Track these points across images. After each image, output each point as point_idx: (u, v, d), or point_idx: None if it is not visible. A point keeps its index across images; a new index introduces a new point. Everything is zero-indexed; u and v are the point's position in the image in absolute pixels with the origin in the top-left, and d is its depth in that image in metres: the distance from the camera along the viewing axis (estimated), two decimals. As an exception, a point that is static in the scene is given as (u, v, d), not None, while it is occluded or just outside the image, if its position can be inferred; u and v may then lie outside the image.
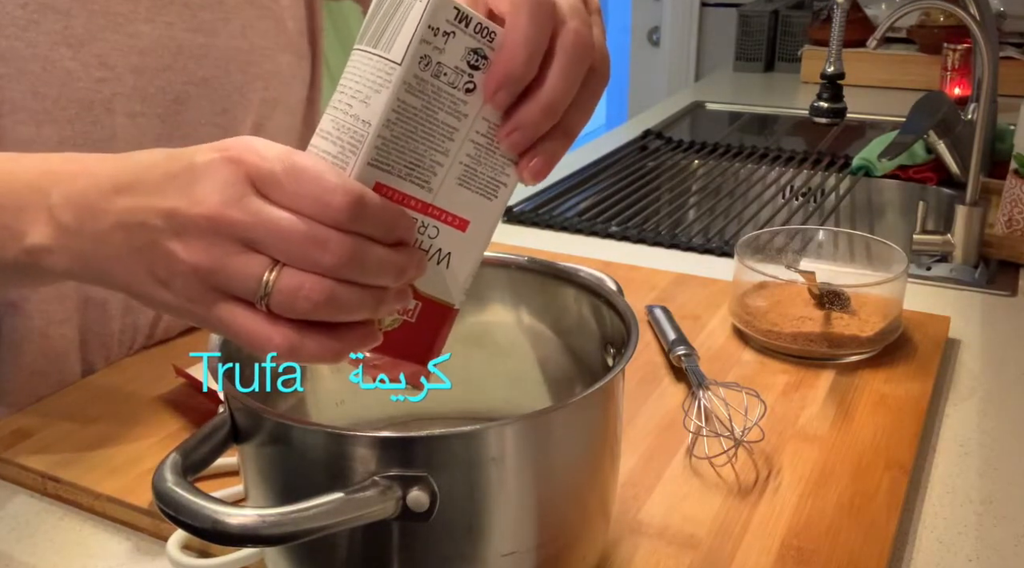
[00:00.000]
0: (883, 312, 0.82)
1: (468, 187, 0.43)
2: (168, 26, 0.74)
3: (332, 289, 0.39)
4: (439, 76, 0.41)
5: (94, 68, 0.70)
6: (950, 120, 1.24)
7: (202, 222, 0.40)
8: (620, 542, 0.58)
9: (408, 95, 0.40)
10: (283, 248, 0.39)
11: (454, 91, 0.41)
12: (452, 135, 0.42)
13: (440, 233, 0.43)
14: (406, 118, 0.40)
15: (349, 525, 0.41)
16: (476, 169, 0.43)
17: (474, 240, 0.45)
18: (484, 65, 0.41)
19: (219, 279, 0.40)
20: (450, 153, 0.42)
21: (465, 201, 0.43)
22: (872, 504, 0.61)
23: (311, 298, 0.39)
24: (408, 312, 0.44)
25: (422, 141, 0.41)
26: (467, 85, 0.41)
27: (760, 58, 2.20)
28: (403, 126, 0.41)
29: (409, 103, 0.40)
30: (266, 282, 0.39)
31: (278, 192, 0.40)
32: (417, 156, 0.41)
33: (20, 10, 0.67)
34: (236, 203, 0.40)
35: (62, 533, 0.61)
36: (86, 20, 0.70)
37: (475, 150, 0.43)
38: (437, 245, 0.44)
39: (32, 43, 0.67)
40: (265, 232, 0.39)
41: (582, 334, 0.59)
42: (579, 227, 1.19)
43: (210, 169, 0.40)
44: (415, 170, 0.42)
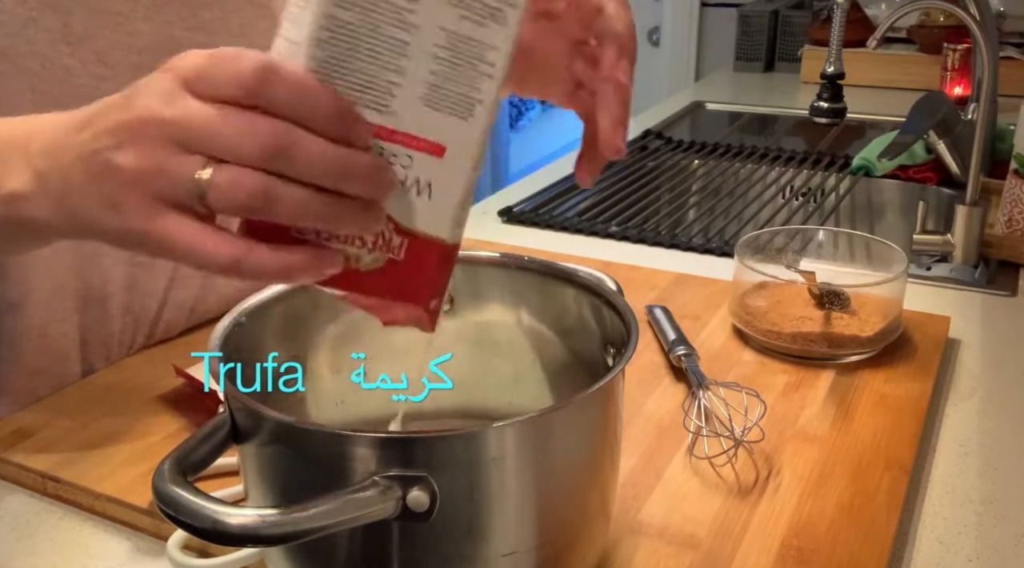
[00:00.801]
0: (883, 312, 0.82)
1: (436, 108, 0.40)
2: (167, 24, 0.74)
3: (268, 181, 0.38)
4: None
5: (93, 66, 0.71)
6: (950, 120, 1.24)
7: (136, 125, 0.40)
8: (620, 542, 0.58)
9: (337, 9, 0.38)
10: (211, 141, 0.39)
11: (396, 1, 0.38)
12: (404, 50, 0.39)
13: (414, 161, 0.41)
14: (342, 35, 0.38)
15: (349, 525, 0.41)
16: (443, 87, 0.40)
17: (455, 166, 0.41)
18: None
19: (158, 183, 0.40)
20: (407, 71, 0.39)
21: (436, 123, 0.40)
22: (872, 504, 0.61)
23: (246, 188, 0.38)
24: (393, 249, 0.42)
25: (368, 60, 0.38)
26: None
27: (760, 58, 2.20)
28: (341, 44, 0.38)
29: (340, 18, 0.38)
30: (200, 178, 0.39)
31: (203, 85, 0.39)
32: (367, 77, 0.39)
33: (19, 7, 0.67)
34: (167, 103, 0.40)
35: (62, 533, 0.61)
36: (85, 18, 0.70)
37: (437, 65, 0.39)
38: (413, 174, 0.41)
39: (31, 40, 0.67)
40: (193, 126, 0.39)
41: (582, 334, 0.59)
42: (579, 227, 1.19)
43: (148, 81, 0.41)
44: (367, 92, 0.39)
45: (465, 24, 0.39)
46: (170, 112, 0.39)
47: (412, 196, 0.41)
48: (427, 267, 0.43)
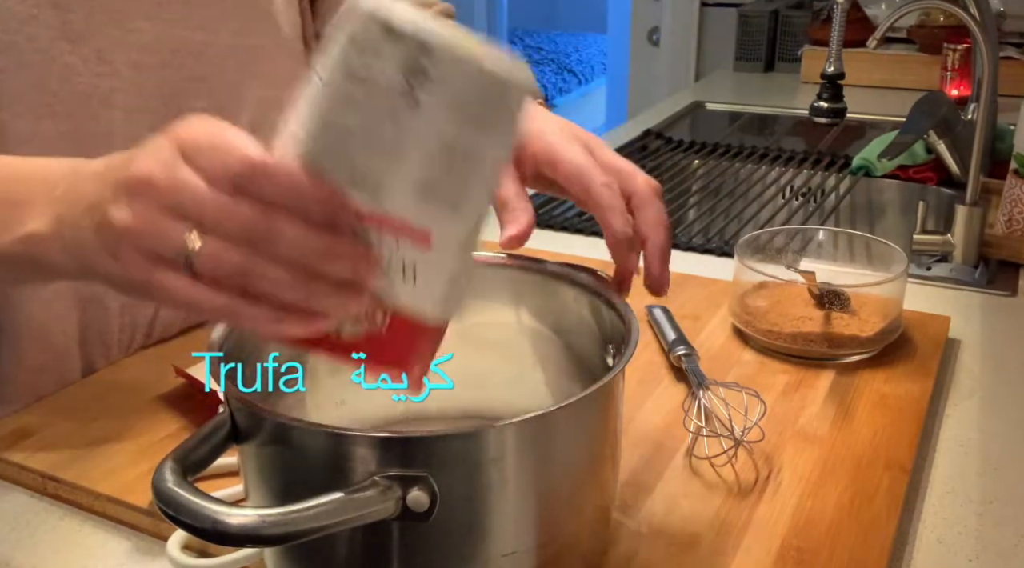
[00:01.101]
0: (883, 312, 0.82)
1: (427, 201, 0.42)
2: (168, 23, 0.74)
3: (249, 259, 0.40)
4: (372, 91, 0.39)
5: (93, 63, 0.71)
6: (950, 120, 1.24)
7: (132, 184, 0.42)
8: (620, 542, 0.58)
9: (336, 108, 0.40)
10: (197, 213, 0.41)
11: (392, 105, 0.40)
12: (399, 148, 0.41)
13: (399, 245, 0.42)
14: (338, 131, 0.40)
15: (349, 525, 0.41)
16: (434, 183, 0.42)
17: (442, 253, 0.43)
18: (423, 79, 0.40)
19: (150, 242, 0.42)
20: (400, 166, 0.41)
21: (424, 213, 0.42)
22: (872, 504, 0.61)
23: (229, 262, 0.40)
24: (375, 323, 0.44)
25: (364, 154, 0.40)
26: (407, 99, 0.40)
27: (760, 58, 2.20)
28: (337, 139, 0.40)
29: (338, 117, 0.40)
30: (190, 247, 0.41)
31: (199, 159, 0.41)
32: (361, 168, 0.41)
33: (20, 5, 0.67)
34: (163, 168, 0.42)
35: (62, 533, 0.61)
36: (86, 15, 0.70)
37: (430, 163, 0.41)
38: (399, 257, 0.42)
39: (32, 37, 0.67)
40: (183, 196, 0.41)
41: (582, 334, 0.59)
42: (579, 227, 1.19)
43: (152, 143, 0.43)
44: (361, 182, 0.41)
45: (460, 132, 0.41)
46: (164, 178, 0.41)
47: (397, 277, 0.43)
48: (408, 343, 0.44)
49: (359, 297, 0.42)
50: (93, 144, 0.72)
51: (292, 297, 0.41)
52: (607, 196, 0.57)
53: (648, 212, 0.58)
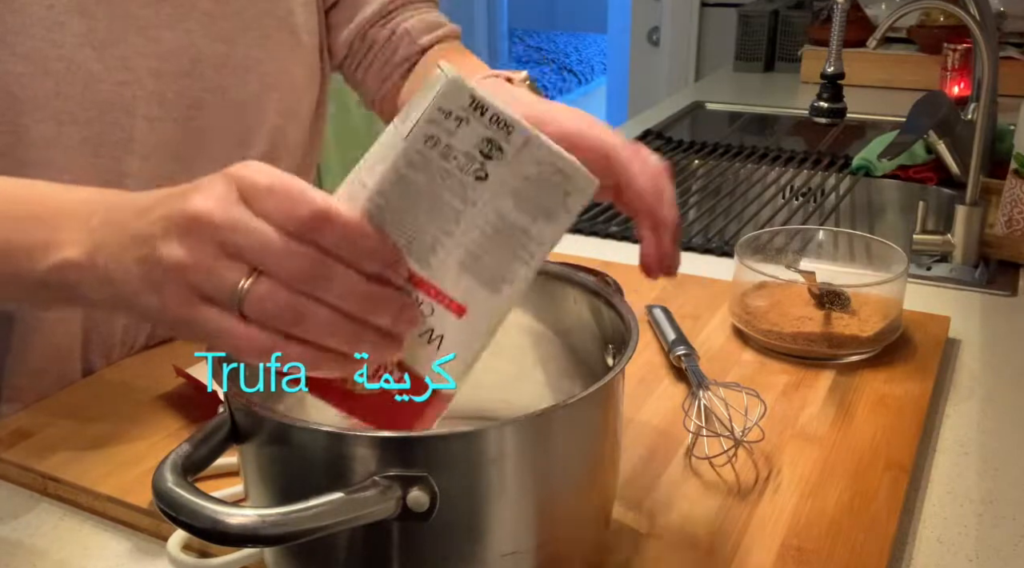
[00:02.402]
0: (883, 312, 0.82)
1: (471, 274, 0.44)
2: (188, 33, 0.75)
3: (300, 301, 0.41)
4: (447, 158, 0.41)
5: (116, 70, 0.71)
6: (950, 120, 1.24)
7: (188, 222, 0.42)
8: (620, 542, 0.58)
9: (408, 169, 0.41)
10: (256, 254, 0.41)
11: (462, 175, 0.42)
12: (457, 218, 0.42)
13: (435, 312, 0.44)
14: (405, 191, 0.42)
15: (349, 525, 0.41)
16: (481, 258, 0.43)
17: (471, 329, 0.45)
18: (498, 155, 0.42)
19: (200, 279, 0.42)
20: (454, 235, 0.43)
21: (465, 287, 0.44)
22: (872, 504, 0.61)
23: (279, 304, 0.41)
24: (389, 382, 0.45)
25: (423, 216, 0.42)
26: (477, 172, 0.42)
27: (760, 58, 2.20)
28: (402, 198, 0.42)
29: (408, 177, 0.41)
30: (242, 289, 0.41)
31: (260, 203, 0.42)
32: (417, 230, 0.42)
33: (46, 11, 0.67)
34: (222, 208, 0.42)
35: (62, 533, 0.61)
36: (109, 23, 0.70)
37: (482, 239, 0.43)
38: (430, 324, 0.44)
39: (57, 44, 0.68)
40: (241, 237, 0.41)
41: (582, 334, 0.59)
42: (579, 227, 1.19)
43: (207, 181, 0.43)
44: (414, 243, 0.43)
45: (518, 215, 0.43)
46: (222, 217, 0.42)
47: (424, 342, 0.44)
48: (418, 405, 0.46)
49: (398, 348, 0.44)
50: (113, 151, 0.72)
51: (336, 341, 0.42)
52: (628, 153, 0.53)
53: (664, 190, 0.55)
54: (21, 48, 0.66)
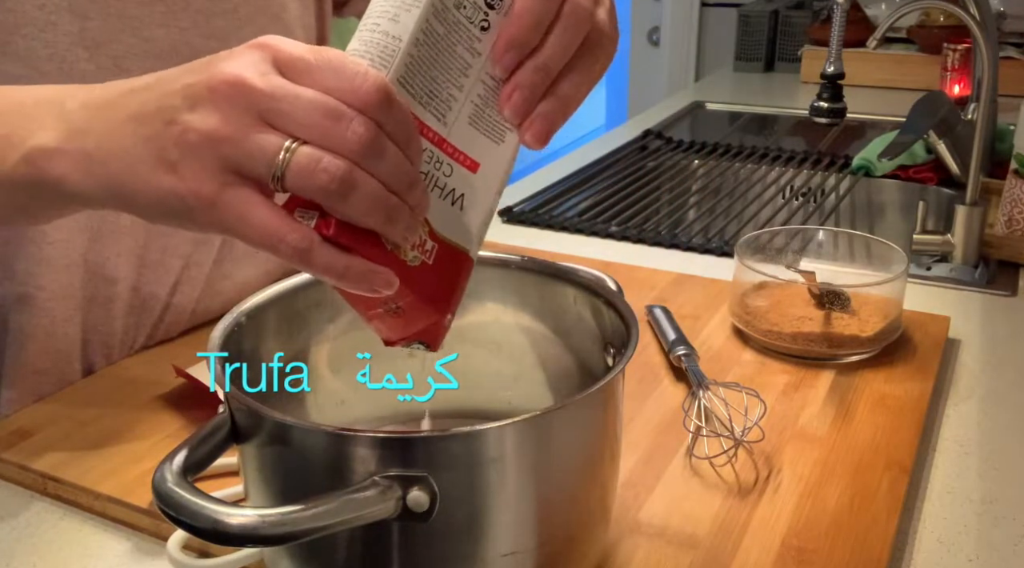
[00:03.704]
0: (883, 312, 0.82)
1: (478, 128, 0.44)
2: (182, 31, 0.75)
3: (352, 168, 0.38)
4: (460, 8, 0.42)
5: (109, 70, 0.71)
6: (950, 120, 1.24)
7: (223, 88, 0.39)
8: (620, 542, 0.58)
9: (434, 19, 0.42)
10: (305, 120, 0.38)
11: (471, 27, 0.43)
12: (467, 71, 0.43)
13: (454, 172, 0.44)
14: (431, 42, 0.42)
15: (349, 525, 0.41)
16: (485, 110, 0.44)
17: (485, 184, 0.45)
18: (499, 5, 0.43)
19: (235, 151, 0.38)
20: (464, 89, 0.43)
21: (476, 141, 0.44)
22: (872, 504, 0.61)
23: (330, 171, 0.38)
24: (426, 252, 0.44)
25: (442, 71, 0.42)
26: (483, 22, 0.43)
27: (760, 58, 2.20)
28: (428, 50, 0.42)
29: (434, 27, 0.42)
30: (284, 157, 0.38)
31: (306, 76, 0.39)
32: (436, 86, 0.42)
33: (38, 11, 0.67)
34: (260, 76, 0.39)
35: (62, 533, 0.61)
36: (102, 23, 0.70)
37: (485, 91, 0.44)
38: (451, 185, 0.44)
39: (49, 44, 0.68)
40: (288, 103, 0.38)
41: (582, 334, 0.59)
42: (579, 227, 1.19)
43: (235, 53, 0.40)
44: (434, 100, 0.42)
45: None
46: (264, 84, 0.38)
47: (447, 205, 0.44)
48: (452, 275, 0.45)
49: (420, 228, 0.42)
50: None
51: (376, 217, 0.39)
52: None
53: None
54: (13, 48, 0.66)
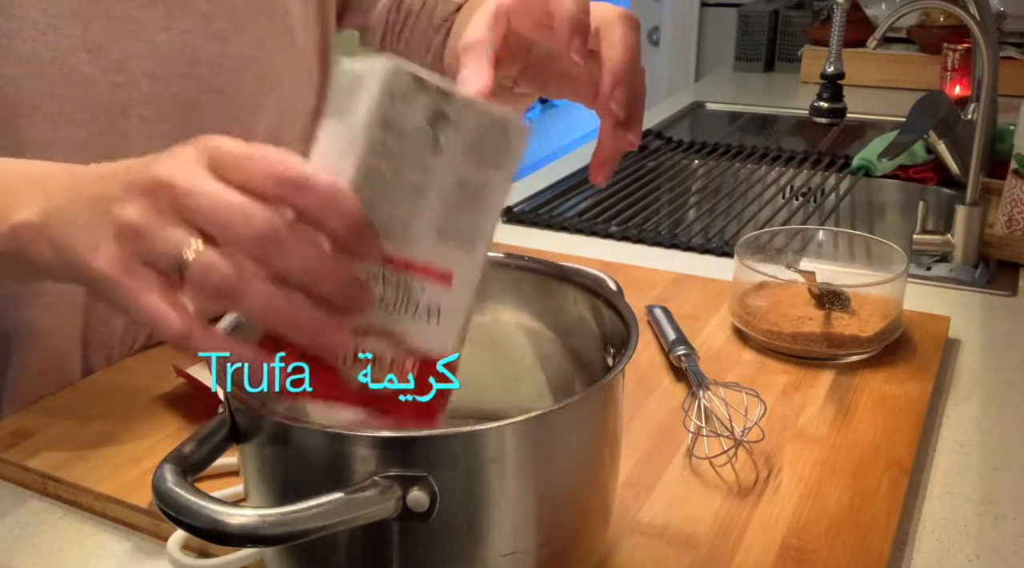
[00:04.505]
0: (883, 312, 0.82)
1: (447, 240, 0.45)
2: (184, 34, 0.75)
3: (241, 273, 0.40)
4: (403, 138, 0.42)
5: (111, 73, 0.71)
6: (950, 120, 1.24)
7: (147, 183, 0.42)
8: (620, 542, 0.58)
9: (374, 158, 0.42)
10: (211, 217, 0.40)
11: (418, 151, 0.43)
12: (423, 192, 0.43)
13: (426, 290, 0.45)
14: (374, 181, 0.42)
15: (349, 525, 0.41)
16: (452, 222, 0.45)
17: (461, 291, 0.46)
18: (444, 124, 0.43)
19: (146, 245, 0.41)
20: (423, 209, 0.43)
21: (445, 254, 0.45)
22: (872, 504, 0.61)
23: (219, 273, 0.39)
24: (405, 372, 0.45)
25: (394, 200, 0.43)
26: (432, 144, 0.43)
27: (760, 58, 2.20)
28: (372, 187, 0.42)
29: (375, 166, 0.42)
30: (187, 255, 0.40)
31: (233, 172, 0.41)
32: (390, 215, 0.43)
33: (40, 14, 0.67)
34: (184, 174, 0.41)
35: (62, 533, 0.61)
36: (104, 26, 0.70)
37: (448, 204, 0.44)
38: (426, 301, 0.45)
39: (51, 47, 0.68)
40: (203, 199, 0.40)
41: (582, 334, 0.59)
42: (579, 227, 1.19)
43: (173, 153, 0.43)
44: (391, 229, 0.43)
45: (473, 172, 0.45)
46: (183, 181, 0.41)
47: (423, 322, 0.45)
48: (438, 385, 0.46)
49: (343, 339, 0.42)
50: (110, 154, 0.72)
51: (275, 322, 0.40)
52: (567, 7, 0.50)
53: (612, 33, 0.52)
54: (15, 51, 0.66)
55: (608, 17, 0.53)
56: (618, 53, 0.51)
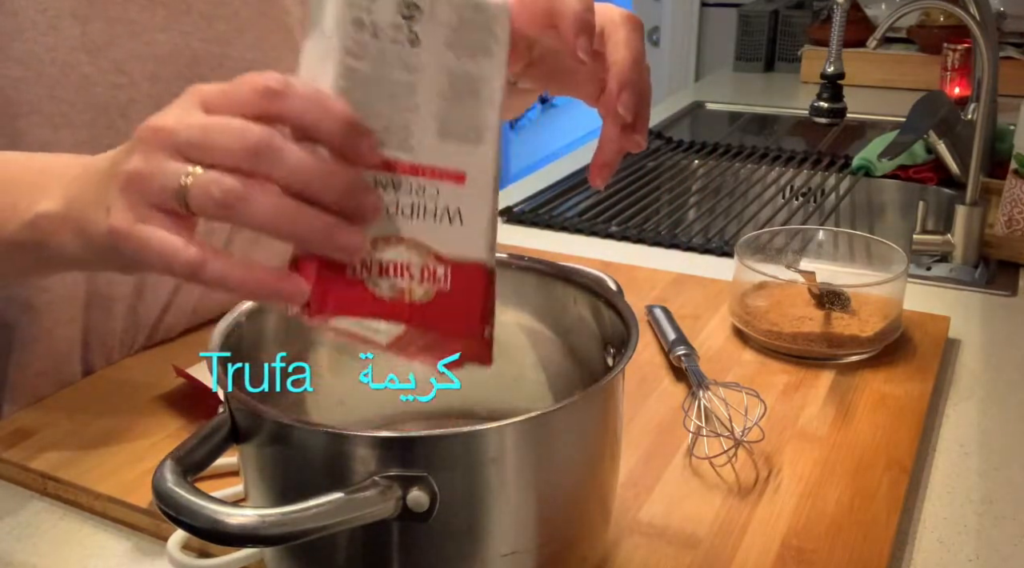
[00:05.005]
0: (883, 312, 0.82)
1: (451, 138, 0.44)
2: (184, 35, 0.75)
3: (244, 183, 0.39)
4: (377, 36, 0.41)
5: (111, 74, 0.71)
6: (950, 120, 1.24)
7: (145, 134, 0.42)
8: (620, 542, 0.58)
9: (351, 60, 0.41)
10: (201, 144, 0.40)
11: (397, 47, 0.42)
12: (413, 90, 0.42)
13: (440, 192, 0.43)
14: (358, 84, 0.41)
15: (349, 525, 0.41)
16: (451, 118, 0.43)
17: (478, 189, 0.45)
18: (418, 15, 0.42)
19: (149, 185, 0.41)
20: (418, 108, 0.42)
21: (452, 151, 0.44)
22: (872, 504, 0.61)
23: (221, 187, 0.39)
24: (439, 280, 0.44)
25: (384, 102, 0.42)
26: (409, 38, 0.42)
27: (760, 58, 2.20)
28: (358, 92, 0.41)
29: (355, 68, 0.41)
30: (185, 180, 0.40)
31: (220, 101, 0.41)
32: (386, 119, 0.42)
33: (40, 15, 0.67)
34: (175, 117, 0.42)
35: (62, 533, 0.61)
36: (104, 27, 0.70)
37: (443, 100, 0.43)
38: (442, 205, 0.44)
39: (51, 47, 0.68)
40: (190, 132, 0.41)
41: (582, 334, 0.59)
42: (579, 227, 1.19)
43: (168, 105, 0.43)
44: (390, 134, 0.42)
45: (460, 62, 0.43)
46: (174, 122, 0.41)
47: (445, 225, 0.44)
48: (474, 292, 0.45)
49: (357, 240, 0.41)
50: None
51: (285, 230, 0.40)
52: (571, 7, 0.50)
53: (616, 34, 0.52)
54: (15, 52, 0.66)
55: (612, 18, 0.53)
56: (623, 55, 0.51)
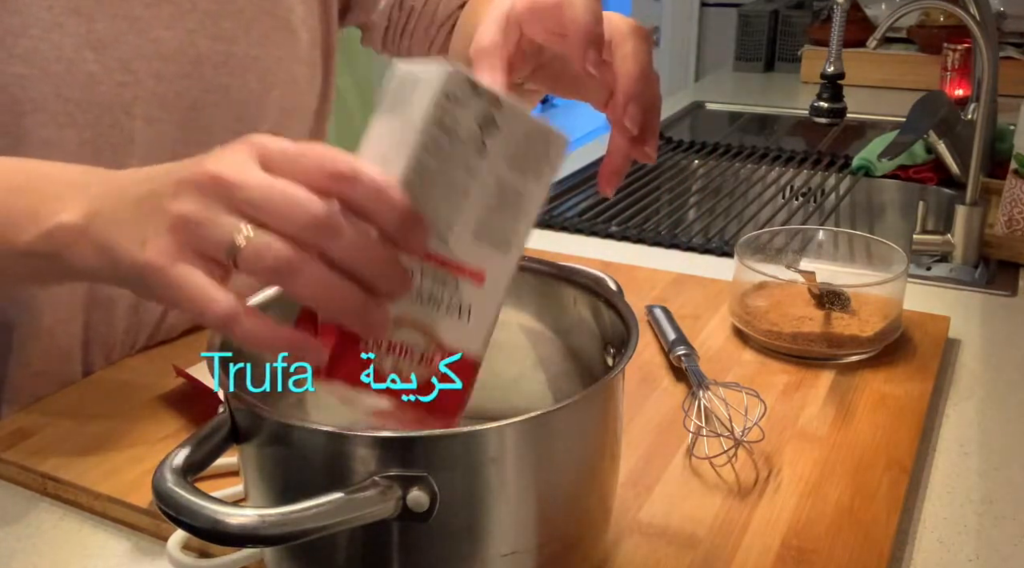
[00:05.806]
0: (883, 312, 0.82)
1: (484, 242, 0.46)
2: (189, 33, 0.75)
3: (296, 253, 0.40)
4: (454, 139, 0.44)
5: (116, 72, 0.71)
6: (950, 120, 1.24)
7: (199, 177, 0.42)
8: (620, 542, 0.58)
9: (425, 155, 0.43)
10: (266, 206, 0.40)
11: (468, 153, 0.44)
12: (467, 192, 0.45)
13: (460, 288, 0.46)
14: (423, 177, 0.43)
15: (349, 525, 0.41)
16: (490, 225, 0.46)
17: (493, 292, 0.47)
18: (492, 129, 0.45)
19: (198, 232, 0.42)
20: (465, 209, 0.45)
21: (481, 254, 0.46)
22: (872, 504, 0.61)
23: (274, 252, 0.40)
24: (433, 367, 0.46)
25: (440, 199, 0.44)
26: (478, 147, 0.45)
27: (760, 58, 2.20)
28: (423, 185, 0.43)
29: (426, 163, 0.43)
30: (240, 239, 0.41)
31: (279, 165, 0.41)
32: (435, 211, 0.44)
33: (46, 12, 0.67)
34: (234, 169, 0.42)
35: (62, 533, 0.61)
36: (108, 24, 0.70)
37: (489, 207, 0.46)
38: (459, 299, 0.46)
39: (56, 45, 0.68)
40: (256, 192, 0.41)
41: (582, 334, 0.59)
42: (579, 227, 1.19)
43: (223, 151, 0.43)
44: (433, 225, 0.44)
45: (514, 178, 0.47)
46: (234, 175, 0.41)
47: (454, 318, 0.46)
48: (462, 383, 0.47)
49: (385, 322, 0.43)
50: (114, 153, 0.72)
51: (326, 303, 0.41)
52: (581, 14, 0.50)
53: (624, 46, 0.53)
54: (20, 49, 0.66)
55: (621, 29, 0.53)
56: (630, 68, 0.52)
